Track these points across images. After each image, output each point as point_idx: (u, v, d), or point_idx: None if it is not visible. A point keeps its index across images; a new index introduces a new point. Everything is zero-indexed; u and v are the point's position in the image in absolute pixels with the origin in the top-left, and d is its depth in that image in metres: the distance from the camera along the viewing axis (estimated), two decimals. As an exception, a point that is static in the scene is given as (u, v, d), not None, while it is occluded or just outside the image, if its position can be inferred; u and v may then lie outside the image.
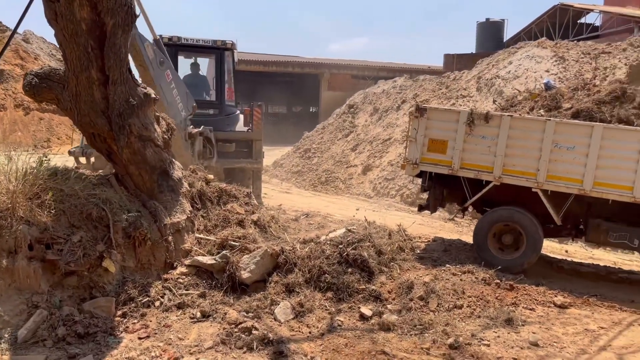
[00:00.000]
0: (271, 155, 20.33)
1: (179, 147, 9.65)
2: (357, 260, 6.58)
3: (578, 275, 8.31)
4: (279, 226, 8.09)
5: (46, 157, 6.02)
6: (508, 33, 33.08)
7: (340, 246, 6.66)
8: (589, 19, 29.64)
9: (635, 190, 7.18)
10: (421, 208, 9.27)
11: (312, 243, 6.78)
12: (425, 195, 9.68)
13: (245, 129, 12.32)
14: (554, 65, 15.76)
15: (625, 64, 14.59)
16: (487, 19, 33.69)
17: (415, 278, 6.72)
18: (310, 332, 5.36)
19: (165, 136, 6.89)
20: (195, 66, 12.79)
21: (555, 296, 6.76)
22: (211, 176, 8.05)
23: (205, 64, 14.20)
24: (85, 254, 5.26)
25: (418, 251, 8.43)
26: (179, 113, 9.72)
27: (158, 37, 9.88)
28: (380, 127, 19.01)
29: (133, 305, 5.46)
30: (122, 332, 5.06)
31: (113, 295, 5.43)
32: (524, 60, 16.73)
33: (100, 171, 6.92)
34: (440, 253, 8.51)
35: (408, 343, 5.22)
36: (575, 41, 18.44)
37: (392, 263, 7.19)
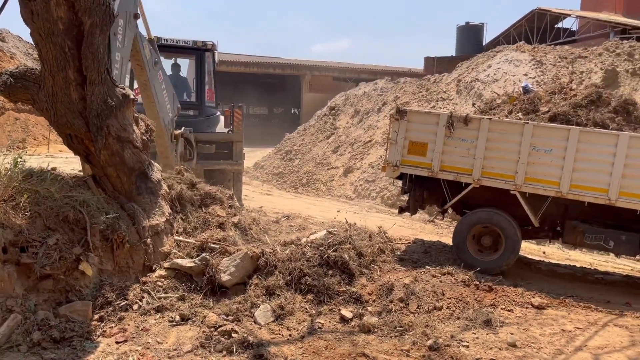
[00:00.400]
0: (252, 156, 20.27)
1: (165, 149, 9.54)
2: (338, 262, 6.58)
3: (555, 276, 8.44)
4: (260, 228, 8.04)
5: (21, 158, 5.90)
6: (487, 37, 33.58)
7: (321, 248, 6.66)
8: (565, 23, 30.28)
9: (611, 192, 7.32)
10: (401, 210, 9.33)
11: (293, 245, 6.77)
12: (405, 197, 9.74)
13: (226, 130, 12.25)
14: (532, 69, 16.00)
15: (601, 69, 14.89)
16: (467, 23, 34.10)
17: (395, 280, 6.75)
18: (290, 335, 5.34)
19: (144, 137, 6.82)
20: (176, 67, 12.69)
21: (533, 297, 6.85)
22: (196, 178, 7.97)
23: (185, 65, 14.10)
24: (62, 257, 5.16)
25: (398, 253, 8.47)
26: (167, 114, 9.65)
27: (153, 37, 9.77)
28: (361, 129, 19.07)
29: (110, 309, 5.37)
30: (99, 336, 4.98)
31: (90, 299, 5.33)
32: (503, 63, 16.96)
33: None
34: (420, 255, 8.57)
35: (388, 345, 5.24)
36: (552, 45, 18.75)
37: (372, 265, 7.21)
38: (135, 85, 11.47)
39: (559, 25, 30.19)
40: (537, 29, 29.29)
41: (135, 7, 8.17)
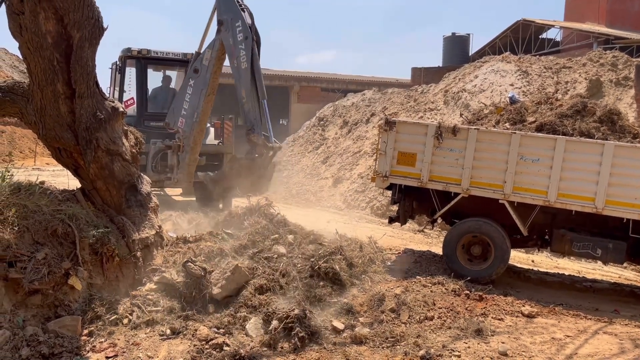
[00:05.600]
0: (242, 168, 20.18)
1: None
2: (329, 274, 6.58)
3: (544, 285, 8.49)
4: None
5: (9, 171, 5.86)
6: (473, 47, 33.89)
7: (312, 259, 6.66)
8: (550, 34, 30.67)
9: (597, 201, 7.41)
10: (391, 220, 9.36)
11: (284, 257, 6.75)
12: (395, 208, 9.78)
13: (216, 142, 12.23)
14: (518, 79, 16.21)
15: (585, 79, 15.13)
16: (453, 34, 34.41)
17: (386, 290, 6.75)
18: (282, 347, 5.32)
19: (133, 150, 6.80)
20: (166, 79, 12.66)
21: (523, 306, 6.89)
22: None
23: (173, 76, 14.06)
24: (50, 272, 5.12)
25: (389, 263, 8.49)
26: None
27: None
28: (350, 139, 19.15)
29: (100, 323, 5.33)
30: (88, 351, 4.93)
31: (79, 314, 5.29)
32: (489, 74, 17.15)
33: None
34: (410, 265, 8.59)
35: (380, 356, 5.24)
36: (537, 56, 19.01)
37: (363, 275, 7.21)
38: (126, 97, 11.47)
39: (544, 35, 30.60)
40: (522, 39, 29.67)
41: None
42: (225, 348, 5.04)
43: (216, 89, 9.93)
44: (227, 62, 9.82)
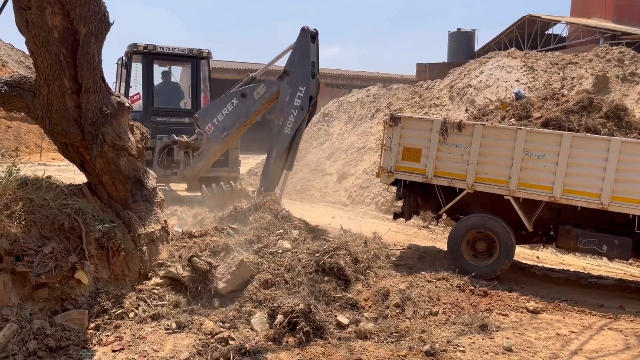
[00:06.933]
0: (247, 163, 20.25)
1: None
2: (334, 269, 6.59)
3: (549, 281, 8.49)
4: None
5: (15, 166, 5.89)
6: (479, 43, 33.78)
7: (317, 255, 6.68)
8: (556, 29, 30.53)
9: (603, 197, 7.39)
10: (396, 216, 9.36)
11: (289, 252, 6.77)
12: (400, 203, 9.78)
13: (222, 137, 12.23)
14: (524, 75, 16.13)
15: (592, 74, 15.03)
16: (459, 29, 34.31)
17: (391, 285, 6.77)
18: (287, 342, 5.34)
19: (139, 145, 6.83)
20: (166, 74, 12.67)
21: (528, 302, 6.89)
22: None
23: (177, 72, 14.10)
24: (57, 266, 5.15)
25: (393, 258, 8.50)
26: None
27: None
28: (355, 135, 19.12)
29: (106, 317, 5.36)
30: (95, 345, 4.96)
31: (86, 308, 5.32)
32: (495, 69, 17.08)
33: None
34: (415, 260, 8.60)
35: (385, 351, 5.26)
36: (543, 51, 18.91)
37: (368, 271, 7.22)
38: (132, 93, 11.49)
39: (550, 31, 30.44)
40: (528, 35, 29.53)
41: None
42: (231, 342, 5.07)
43: (253, 122, 9.84)
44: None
